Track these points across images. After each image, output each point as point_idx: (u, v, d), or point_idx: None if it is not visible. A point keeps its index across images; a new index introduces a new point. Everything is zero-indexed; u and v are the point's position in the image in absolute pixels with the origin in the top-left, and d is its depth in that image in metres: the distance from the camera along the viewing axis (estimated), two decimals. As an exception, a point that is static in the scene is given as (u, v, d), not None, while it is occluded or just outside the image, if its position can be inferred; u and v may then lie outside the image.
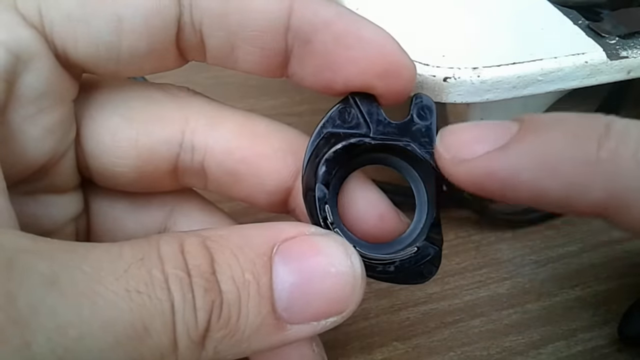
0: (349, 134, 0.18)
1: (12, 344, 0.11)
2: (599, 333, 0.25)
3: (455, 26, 0.24)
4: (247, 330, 0.14)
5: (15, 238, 0.13)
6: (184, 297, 0.13)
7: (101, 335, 0.12)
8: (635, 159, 0.14)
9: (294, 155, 0.19)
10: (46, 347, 0.11)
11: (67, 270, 0.12)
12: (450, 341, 0.25)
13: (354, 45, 0.17)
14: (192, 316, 0.13)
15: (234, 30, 0.17)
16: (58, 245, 0.13)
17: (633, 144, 0.14)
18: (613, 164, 0.14)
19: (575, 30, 0.24)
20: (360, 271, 0.16)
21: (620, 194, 0.14)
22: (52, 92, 0.17)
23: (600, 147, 0.14)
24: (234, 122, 0.19)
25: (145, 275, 0.13)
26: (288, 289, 0.14)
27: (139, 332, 0.12)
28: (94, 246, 0.13)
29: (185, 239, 0.14)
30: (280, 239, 0.15)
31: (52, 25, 0.16)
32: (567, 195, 0.15)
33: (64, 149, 0.18)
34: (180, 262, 0.14)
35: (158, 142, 0.18)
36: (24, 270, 0.12)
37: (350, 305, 0.15)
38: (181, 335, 0.13)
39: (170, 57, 0.18)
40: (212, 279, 0.14)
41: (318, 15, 0.17)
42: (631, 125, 0.15)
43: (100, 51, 0.16)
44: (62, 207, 0.19)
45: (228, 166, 0.19)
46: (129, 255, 0.13)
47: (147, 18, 0.16)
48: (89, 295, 0.12)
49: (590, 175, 0.15)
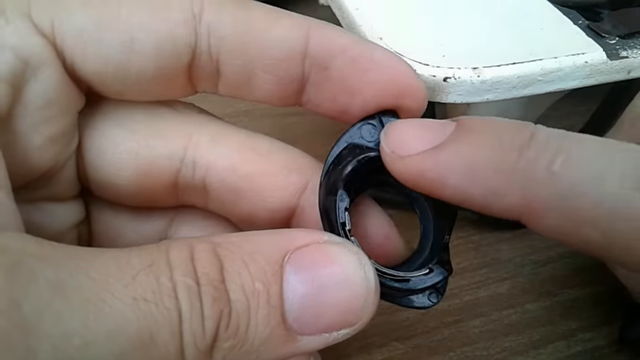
0: (371, 148, 0.18)
1: (17, 350, 0.11)
2: (599, 333, 0.25)
3: (455, 26, 0.24)
4: (256, 341, 0.14)
5: (21, 241, 0.13)
6: (191, 306, 0.13)
7: (106, 345, 0.12)
8: (548, 171, 0.15)
9: (298, 172, 0.19)
10: (51, 355, 0.11)
11: (73, 276, 0.12)
12: (450, 341, 0.25)
13: (370, 69, 0.17)
14: (200, 326, 0.13)
15: (252, 59, 0.17)
16: (64, 250, 0.13)
17: (549, 156, 0.15)
18: (529, 174, 0.15)
19: (575, 30, 0.24)
20: (374, 283, 0.15)
21: (534, 202, 0.15)
22: (58, 102, 0.17)
23: (520, 156, 0.15)
24: (238, 140, 0.19)
25: (153, 282, 0.13)
26: (299, 299, 0.14)
27: (145, 341, 0.12)
28: (101, 252, 0.13)
29: (195, 246, 0.14)
30: (292, 247, 0.15)
31: (64, 38, 0.16)
32: (486, 199, 0.16)
33: (65, 159, 0.18)
34: (190, 270, 0.13)
35: (159, 156, 0.18)
36: (29, 275, 0.12)
37: (364, 317, 0.15)
38: (188, 346, 0.13)
39: (179, 84, 0.18)
40: (221, 288, 0.13)
41: (334, 42, 0.17)
42: (554, 136, 0.15)
43: (109, 69, 0.17)
44: (63, 215, 0.19)
45: (230, 183, 0.19)
46: (137, 261, 0.13)
47: (158, 42, 0.16)
48: (95, 303, 0.12)
49: (507, 182, 0.15)
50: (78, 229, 0.19)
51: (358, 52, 0.17)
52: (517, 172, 0.15)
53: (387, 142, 0.17)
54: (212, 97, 0.20)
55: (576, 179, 0.15)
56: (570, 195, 0.15)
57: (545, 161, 0.15)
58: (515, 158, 0.15)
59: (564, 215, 0.15)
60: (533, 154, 0.15)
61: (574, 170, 0.15)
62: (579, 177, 0.15)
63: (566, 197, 0.15)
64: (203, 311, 0.13)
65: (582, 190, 0.14)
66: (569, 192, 0.15)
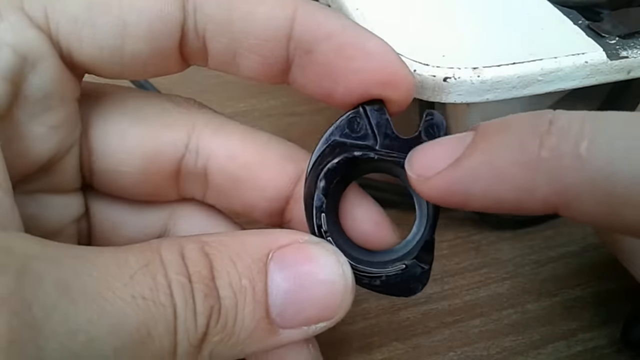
0: (355, 144, 0.18)
1: (26, 348, 0.12)
2: (599, 333, 0.25)
3: (455, 26, 0.24)
4: (242, 334, 0.15)
5: (24, 242, 0.13)
6: (185, 303, 0.14)
7: (108, 340, 0.13)
8: (574, 154, 0.14)
9: (294, 163, 0.20)
10: (58, 352, 0.12)
11: (77, 277, 0.13)
12: (450, 341, 0.25)
13: (356, 57, 0.17)
14: (193, 321, 0.14)
15: (237, 37, 0.17)
16: (66, 250, 0.13)
17: (573, 139, 0.14)
18: (554, 162, 0.14)
19: (575, 30, 0.24)
20: (351, 280, 0.16)
21: (566, 190, 0.14)
22: (57, 92, 0.17)
23: (542, 146, 0.14)
24: (238, 131, 0.20)
25: (150, 281, 0.13)
26: (282, 295, 0.15)
27: (142, 337, 0.13)
28: (100, 251, 0.14)
29: (185, 245, 0.15)
30: (275, 246, 0.16)
31: (58, 27, 0.16)
32: (517, 197, 0.15)
33: (68, 147, 0.18)
34: (182, 268, 0.14)
35: (165, 144, 0.19)
36: (37, 277, 0.12)
37: (340, 311, 0.16)
38: (181, 340, 0.14)
39: (172, 61, 0.18)
40: (211, 285, 0.14)
41: (321, 27, 0.17)
42: (574, 118, 0.15)
43: (104, 54, 0.17)
44: (63, 208, 0.19)
45: (230, 171, 0.19)
46: (134, 261, 0.14)
47: (151, 23, 0.16)
48: (98, 301, 0.13)
49: (534, 175, 0.14)
50: (78, 225, 0.20)
51: (345, 38, 0.17)
52: (543, 162, 0.14)
53: (411, 168, 0.17)
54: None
55: (605, 160, 0.14)
56: (602, 178, 0.14)
57: (569, 146, 0.14)
58: (537, 148, 0.14)
59: (600, 199, 0.14)
60: (555, 140, 0.14)
61: (601, 151, 0.14)
62: (608, 158, 0.14)
63: (598, 181, 0.14)
64: (196, 307, 0.14)
65: (612, 170, 0.14)
66: (600, 174, 0.14)
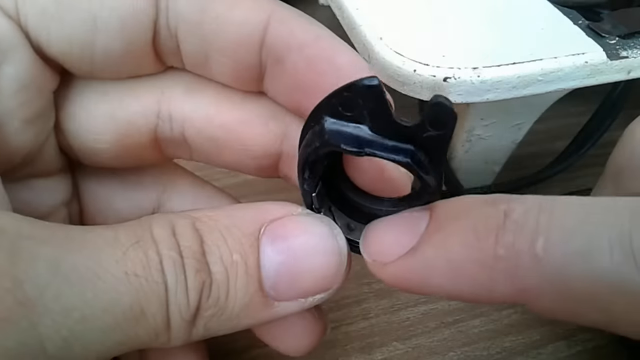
0: (346, 136, 0.15)
1: (20, 325, 0.12)
2: (599, 333, 0.25)
3: (455, 26, 0.24)
4: (236, 308, 0.15)
5: (14, 222, 0.13)
6: (176, 278, 0.14)
7: (102, 317, 0.13)
8: (531, 253, 0.13)
9: (275, 120, 0.19)
10: (52, 328, 0.12)
11: (69, 255, 0.13)
12: (450, 341, 0.25)
13: (326, 71, 0.16)
14: (184, 297, 0.14)
15: (208, 39, 0.17)
16: (56, 229, 0.14)
17: (529, 236, 0.14)
18: (511, 261, 0.14)
19: (575, 30, 0.24)
20: (345, 250, 0.16)
21: (525, 290, 0.14)
22: (32, 84, 0.16)
23: (498, 243, 0.14)
24: (211, 91, 0.19)
25: (142, 257, 0.14)
26: (275, 267, 0.15)
27: (136, 313, 0.13)
28: (91, 229, 0.14)
29: (175, 221, 0.15)
30: (267, 220, 0.16)
31: (27, 18, 0.16)
32: (476, 293, 0.15)
33: (44, 138, 0.18)
34: (173, 244, 0.14)
35: (134, 114, 0.18)
36: (29, 255, 0.12)
37: (336, 282, 0.16)
38: (174, 315, 0.14)
39: (147, 60, 0.18)
40: (202, 260, 0.14)
41: (293, 36, 0.16)
42: (530, 209, 0.14)
43: (74, 49, 0.16)
44: (51, 191, 0.19)
45: (209, 133, 0.19)
46: (125, 238, 0.14)
47: (122, 19, 0.16)
48: (91, 279, 0.13)
49: (492, 274, 0.14)
50: (68, 208, 0.19)
51: (317, 50, 0.16)
52: (500, 261, 0.14)
53: (366, 251, 0.16)
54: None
55: (562, 260, 0.13)
56: (561, 278, 0.13)
57: (526, 245, 0.13)
58: (493, 245, 0.14)
59: (560, 297, 0.14)
60: (511, 238, 0.14)
61: (557, 251, 0.13)
62: (565, 258, 0.13)
63: (556, 281, 0.13)
64: (187, 283, 0.14)
65: (571, 271, 0.13)
66: (558, 275, 0.13)
